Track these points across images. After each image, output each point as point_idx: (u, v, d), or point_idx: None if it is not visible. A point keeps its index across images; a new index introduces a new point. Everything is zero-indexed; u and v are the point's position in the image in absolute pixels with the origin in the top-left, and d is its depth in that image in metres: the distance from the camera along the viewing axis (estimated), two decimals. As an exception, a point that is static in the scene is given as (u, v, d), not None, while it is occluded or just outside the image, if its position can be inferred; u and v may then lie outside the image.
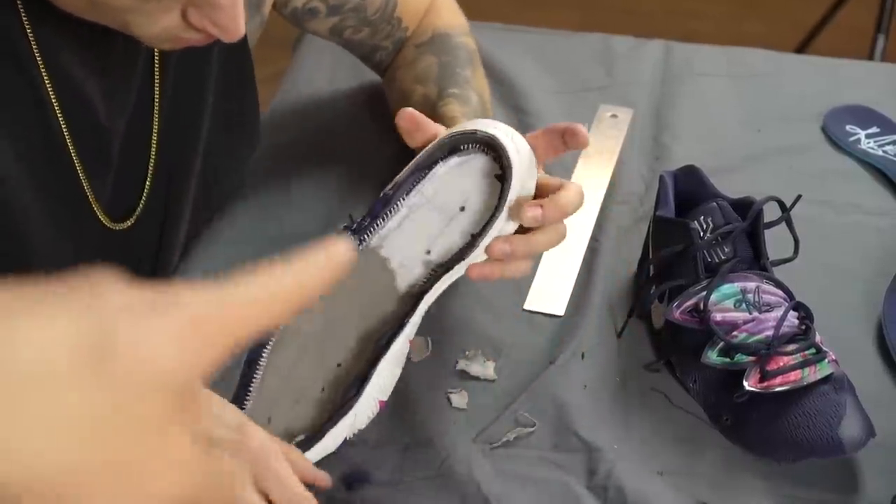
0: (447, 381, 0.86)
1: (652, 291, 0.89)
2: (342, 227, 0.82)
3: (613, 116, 1.15)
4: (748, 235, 0.86)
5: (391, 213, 0.81)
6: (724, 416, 0.82)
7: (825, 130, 1.15)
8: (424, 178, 0.81)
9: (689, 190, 0.91)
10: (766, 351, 0.80)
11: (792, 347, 0.81)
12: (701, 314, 0.83)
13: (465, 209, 0.82)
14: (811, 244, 0.90)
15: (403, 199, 0.81)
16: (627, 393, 0.86)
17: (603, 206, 1.04)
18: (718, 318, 0.82)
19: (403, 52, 1.07)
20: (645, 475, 0.79)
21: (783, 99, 1.19)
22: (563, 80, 1.21)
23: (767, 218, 0.86)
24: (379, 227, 0.81)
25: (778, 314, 0.82)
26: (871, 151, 1.11)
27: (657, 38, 1.27)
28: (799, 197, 0.88)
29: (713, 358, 0.82)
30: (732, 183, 0.95)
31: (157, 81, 0.86)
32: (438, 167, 0.81)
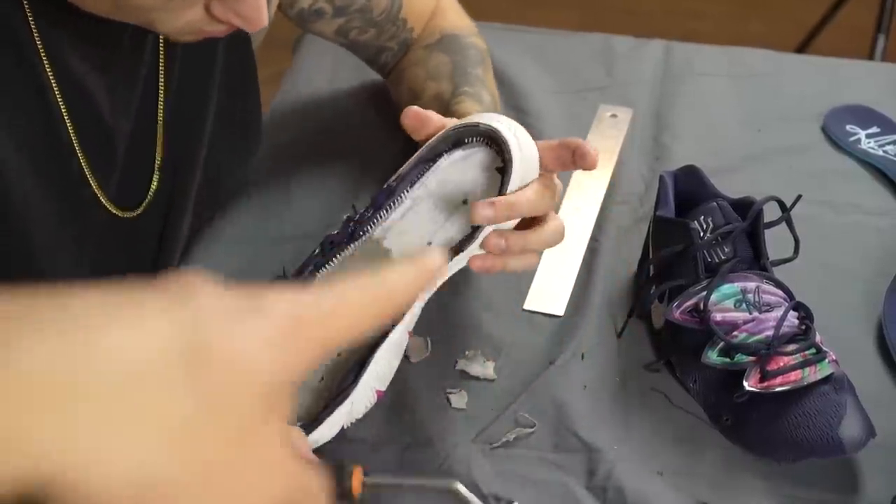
0: (447, 381, 0.86)
1: (652, 291, 0.88)
2: (345, 216, 0.82)
3: (613, 116, 1.15)
4: (748, 235, 0.86)
5: (395, 204, 0.81)
6: (724, 416, 0.82)
7: (825, 130, 1.14)
8: (428, 170, 0.82)
9: (689, 190, 0.91)
10: (766, 351, 0.80)
11: (792, 347, 0.81)
12: (701, 314, 0.83)
13: (467, 202, 0.82)
14: (811, 244, 0.90)
15: (407, 190, 0.82)
16: (627, 393, 0.86)
17: (603, 206, 1.04)
18: (718, 318, 0.82)
19: (411, 53, 1.06)
20: (645, 475, 0.79)
21: (783, 99, 1.19)
22: (563, 80, 1.21)
23: (767, 218, 0.86)
24: (382, 218, 0.81)
25: (778, 314, 0.82)
26: (871, 151, 1.11)
27: (657, 37, 1.27)
28: (799, 197, 0.88)
29: (713, 358, 0.82)
30: (732, 183, 0.95)
31: (162, 76, 0.86)
32: (442, 160, 0.81)
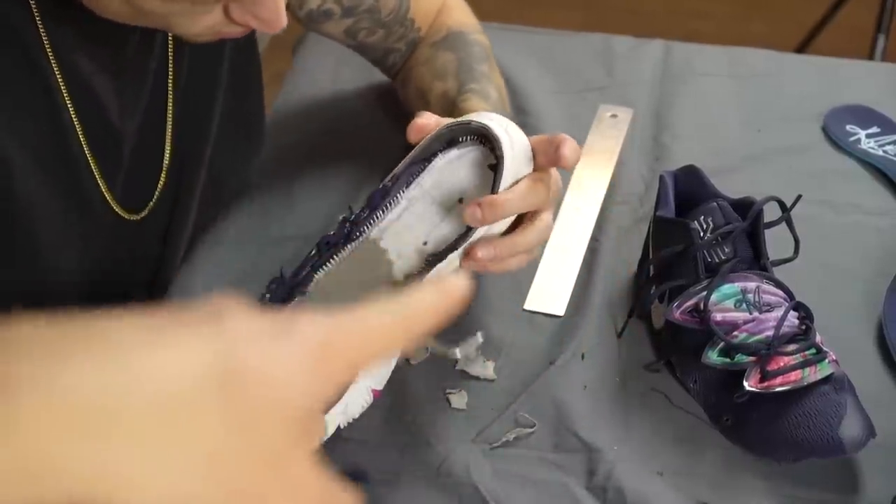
0: (447, 381, 0.86)
1: (652, 291, 0.88)
2: (341, 217, 0.82)
3: (613, 116, 1.15)
4: (748, 235, 0.86)
5: (391, 205, 0.81)
6: (724, 416, 0.82)
7: (825, 130, 1.14)
8: (423, 170, 0.81)
9: (689, 190, 0.91)
10: (766, 351, 0.80)
11: (792, 347, 0.81)
12: (701, 314, 0.83)
13: (462, 200, 0.82)
14: (811, 244, 0.90)
15: (403, 191, 0.81)
16: (627, 393, 0.86)
17: (603, 206, 1.04)
18: (718, 318, 0.82)
19: (418, 52, 1.06)
20: (645, 475, 0.79)
21: (783, 99, 1.19)
22: (563, 80, 1.21)
23: (767, 218, 0.86)
24: (378, 218, 0.81)
25: (778, 314, 0.82)
26: (871, 151, 1.11)
27: (659, 37, 1.27)
28: (799, 197, 0.88)
29: (713, 358, 0.82)
30: (732, 183, 0.95)
31: (171, 71, 0.87)
32: (437, 159, 0.81)
